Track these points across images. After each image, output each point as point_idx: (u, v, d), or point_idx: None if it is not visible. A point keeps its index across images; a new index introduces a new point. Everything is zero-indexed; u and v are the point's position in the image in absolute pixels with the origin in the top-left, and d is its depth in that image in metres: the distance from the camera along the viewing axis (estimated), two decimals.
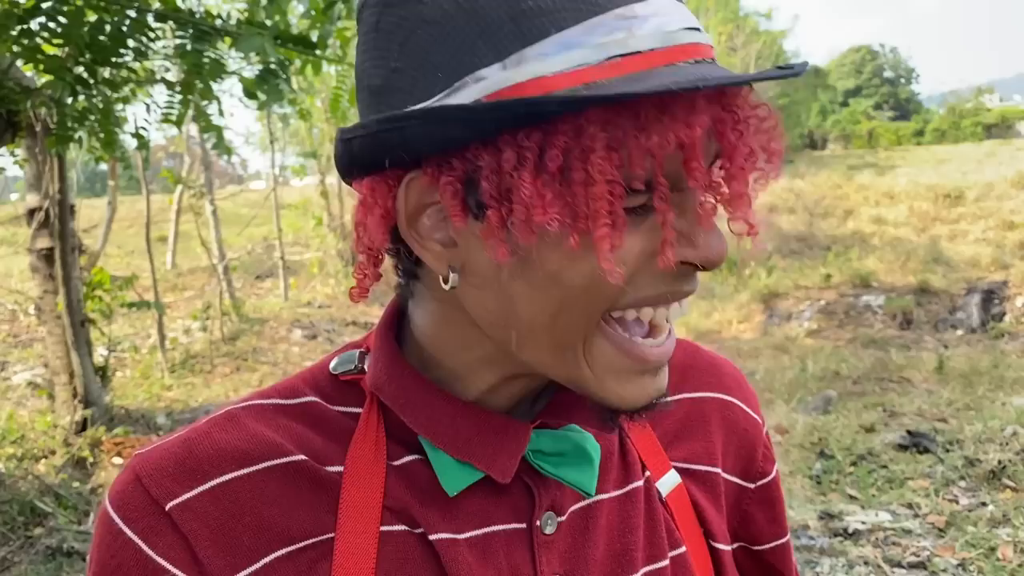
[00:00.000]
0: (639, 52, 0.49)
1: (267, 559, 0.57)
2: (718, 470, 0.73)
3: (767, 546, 0.78)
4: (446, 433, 0.59)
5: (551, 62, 0.48)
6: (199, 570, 0.56)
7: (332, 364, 0.65)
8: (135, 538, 0.56)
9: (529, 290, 0.53)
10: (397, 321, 0.65)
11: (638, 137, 0.48)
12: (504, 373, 0.60)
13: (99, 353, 6.38)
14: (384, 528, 0.58)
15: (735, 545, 0.76)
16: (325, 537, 0.58)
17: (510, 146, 0.49)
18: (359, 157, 0.54)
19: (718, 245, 0.53)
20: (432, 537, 0.59)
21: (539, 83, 0.48)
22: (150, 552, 0.56)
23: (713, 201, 0.55)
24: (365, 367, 0.64)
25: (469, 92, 0.49)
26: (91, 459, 5.27)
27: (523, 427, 0.61)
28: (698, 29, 0.52)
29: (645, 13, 0.49)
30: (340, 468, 0.60)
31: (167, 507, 0.56)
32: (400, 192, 0.54)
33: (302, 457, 0.59)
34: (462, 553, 0.59)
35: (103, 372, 5.99)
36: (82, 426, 5.45)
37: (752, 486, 0.76)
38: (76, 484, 4.94)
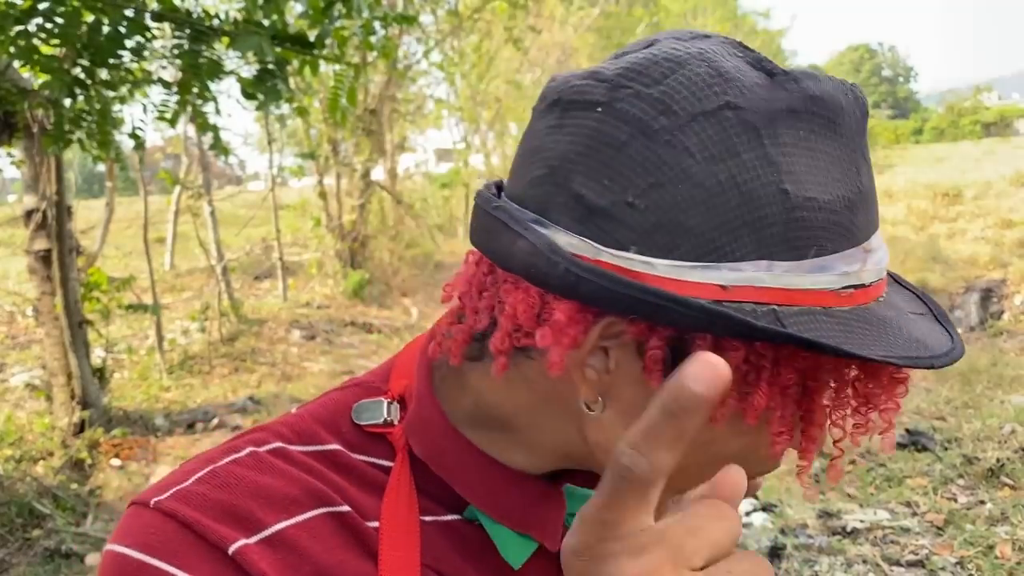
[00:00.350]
0: (864, 285, 0.51)
1: None
2: None
3: None
4: (505, 505, 0.59)
5: (804, 279, 0.48)
6: None
7: (355, 413, 0.61)
8: None
9: None
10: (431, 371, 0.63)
11: (859, 386, 0.53)
12: (566, 464, 0.60)
13: (97, 354, 6.37)
14: None
15: None
16: None
17: (740, 350, 0.48)
18: (580, 293, 0.49)
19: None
20: None
21: (788, 294, 0.48)
22: None
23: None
24: (394, 420, 0.61)
25: (719, 275, 0.47)
26: (89, 461, 5.26)
27: (560, 493, 0.61)
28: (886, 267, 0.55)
29: (874, 247, 0.52)
30: (376, 523, 0.57)
31: (230, 551, 0.51)
32: (595, 330, 0.50)
33: (347, 508, 0.57)
34: None
35: (101, 373, 5.98)
36: (80, 427, 5.45)
37: None
38: (74, 486, 4.94)
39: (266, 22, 3.34)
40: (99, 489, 4.99)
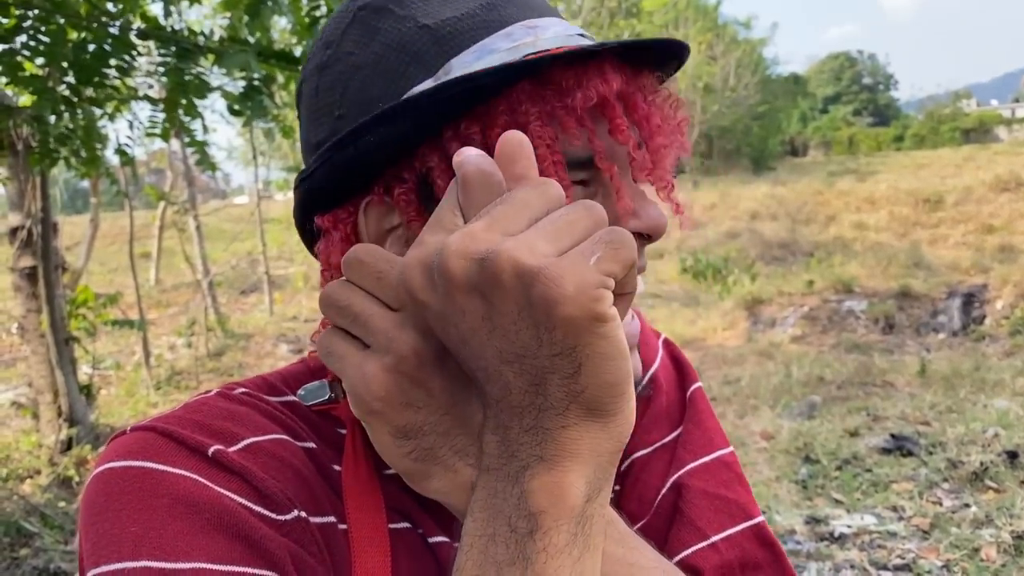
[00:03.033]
0: (547, 50, 0.56)
1: (316, 518, 0.56)
2: None
3: None
4: None
5: (475, 65, 0.55)
6: (266, 503, 0.54)
7: (301, 395, 0.63)
8: (188, 473, 0.52)
9: None
10: None
11: (563, 100, 0.55)
12: None
13: (84, 371, 6.34)
14: (392, 526, 0.60)
15: None
16: (341, 525, 0.58)
17: (455, 139, 0.55)
18: (319, 192, 0.59)
19: (659, 215, 0.59)
20: (431, 540, 0.62)
21: (468, 79, 0.54)
22: (208, 483, 0.52)
23: (649, 183, 0.61)
24: (338, 396, 0.62)
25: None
26: (77, 478, 5.23)
27: None
28: (585, 35, 0.60)
29: (545, 24, 0.58)
30: (339, 467, 0.61)
31: (209, 452, 0.54)
32: (360, 219, 0.59)
33: (313, 445, 0.60)
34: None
35: (88, 390, 5.95)
36: (67, 445, 5.42)
37: None
38: (62, 504, 4.91)
39: (251, 38, 3.35)
40: None
